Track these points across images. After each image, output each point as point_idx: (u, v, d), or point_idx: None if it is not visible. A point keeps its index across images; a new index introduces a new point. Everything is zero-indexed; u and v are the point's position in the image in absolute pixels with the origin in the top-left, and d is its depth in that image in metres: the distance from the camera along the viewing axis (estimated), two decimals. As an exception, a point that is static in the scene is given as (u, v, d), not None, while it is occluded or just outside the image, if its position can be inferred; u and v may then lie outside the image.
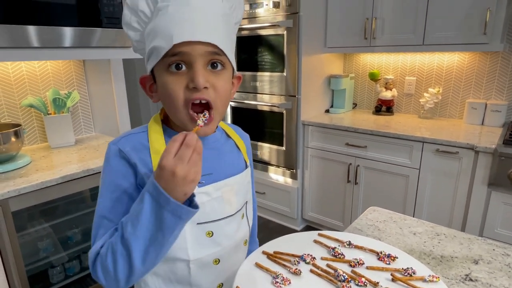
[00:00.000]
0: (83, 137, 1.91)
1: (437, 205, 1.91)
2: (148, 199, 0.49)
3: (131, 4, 0.58)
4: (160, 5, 0.56)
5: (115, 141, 0.61)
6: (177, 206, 0.48)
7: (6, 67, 1.58)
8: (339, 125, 2.17)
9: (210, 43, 0.54)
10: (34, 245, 1.44)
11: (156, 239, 0.50)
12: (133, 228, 0.50)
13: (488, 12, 1.74)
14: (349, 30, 2.28)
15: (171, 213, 0.48)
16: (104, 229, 0.56)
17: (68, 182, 1.33)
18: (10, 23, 1.23)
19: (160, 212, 0.49)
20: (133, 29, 0.60)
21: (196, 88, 0.54)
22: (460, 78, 2.20)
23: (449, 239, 0.84)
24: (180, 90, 0.55)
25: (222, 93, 0.58)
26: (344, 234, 0.73)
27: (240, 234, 0.69)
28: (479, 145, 1.67)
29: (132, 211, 0.52)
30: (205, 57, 0.55)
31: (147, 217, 0.49)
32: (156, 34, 0.55)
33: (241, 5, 0.65)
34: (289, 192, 2.51)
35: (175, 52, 0.54)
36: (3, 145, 1.35)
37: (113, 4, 1.49)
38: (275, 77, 2.37)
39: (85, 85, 1.90)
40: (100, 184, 0.60)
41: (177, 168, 0.47)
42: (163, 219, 0.49)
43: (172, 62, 0.55)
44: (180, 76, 0.55)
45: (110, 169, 0.59)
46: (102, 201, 0.58)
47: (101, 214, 0.58)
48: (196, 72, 0.54)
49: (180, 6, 0.55)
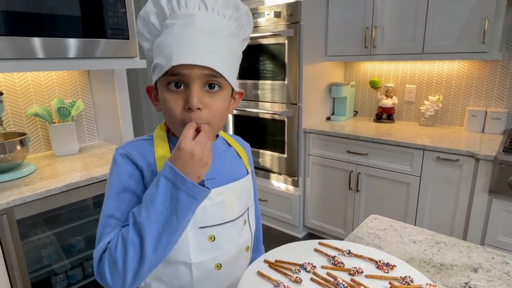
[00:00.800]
0: (86, 145, 1.93)
1: (438, 212, 1.91)
2: (164, 182, 0.52)
3: (143, 16, 0.62)
4: (168, 22, 0.59)
5: (122, 146, 0.64)
6: (193, 186, 0.51)
7: (12, 77, 1.61)
8: (340, 132, 2.19)
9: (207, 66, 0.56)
10: (37, 252, 1.45)
11: (170, 224, 0.52)
12: (147, 212, 0.52)
13: (487, 21, 1.76)
14: (349, 39, 2.31)
15: (187, 194, 0.51)
16: (110, 228, 0.57)
17: (72, 190, 1.35)
18: (17, 35, 1.26)
19: (176, 193, 0.51)
20: (145, 39, 0.64)
21: (190, 109, 0.57)
22: (460, 86, 2.22)
23: (449, 247, 0.85)
24: (178, 109, 0.58)
25: (217, 113, 0.60)
26: (344, 243, 0.74)
27: (242, 240, 0.70)
28: (479, 152, 1.68)
29: (146, 198, 0.54)
30: (202, 78, 0.57)
31: (161, 200, 0.51)
32: (160, 51, 0.58)
33: (249, 23, 0.66)
34: (291, 200, 2.52)
35: (174, 72, 0.56)
36: (9, 154, 1.37)
37: (117, 15, 1.53)
38: (276, 85, 2.40)
39: (89, 94, 1.93)
40: (107, 186, 0.61)
41: (196, 150, 0.51)
42: (179, 201, 0.51)
43: (171, 81, 0.57)
44: (179, 94, 0.58)
45: (118, 170, 0.61)
46: (109, 201, 0.60)
47: (108, 213, 0.59)
48: (191, 94, 0.56)
49: (185, 26, 0.57)
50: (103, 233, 0.57)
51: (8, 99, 1.61)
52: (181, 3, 0.59)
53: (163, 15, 0.60)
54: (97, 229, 0.59)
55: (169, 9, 0.59)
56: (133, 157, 0.61)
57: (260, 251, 0.89)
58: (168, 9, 0.59)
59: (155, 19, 0.60)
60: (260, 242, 0.90)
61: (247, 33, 0.68)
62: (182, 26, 0.57)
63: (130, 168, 0.61)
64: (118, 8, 1.52)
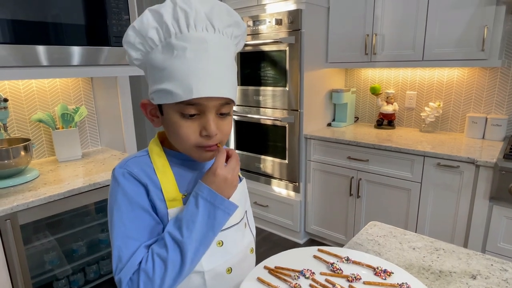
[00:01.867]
0: (89, 150, 1.95)
1: (439, 218, 1.91)
2: (203, 202, 0.58)
3: (139, 29, 0.58)
4: (176, 43, 0.56)
5: (121, 165, 0.63)
6: (229, 203, 0.60)
7: (17, 83, 1.64)
8: (341, 139, 2.20)
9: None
10: (40, 257, 1.46)
11: (206, 238, 0.59)
12: (188, 231, 0.57)
13: (486, 29, 1.78)
14: (350, 46, 2.33)
15: (223, 211, 0.59)
16: (128, 250, 0.57)
17: (75, 196, 1.36)
18: (22, 43, 1.28)
19: (214, 212, 0.59)
20: (135, 49, 0.60)
21: (208, 135, 0.60)
22: (460, 93, 2.23)
23: (448, 254, 0.85)
24: (193, 135, 0.60)
25: (227, 134, 0.64)
26: (343, 250, 0.75)
27: (245, 242, 0.72)
28: (479, 159, 1.69)
29: (185, 217, 0.58)
30: (217, 108, 0.60)
31: (201, 220, 0.58)
32: (170, 77, 0.57)
33: (244, 37, 0.68)
34: (292, 205, 2.52)
35: (191, 102, 0.57)
36: (13, 159, 1.39)
37: (121, 23, 1.55)
38: (277, 91, 2.42)
39: (93, 100, 1.95)
40: (113, 209, 0.60)
41: (229, 175, 0.60)
42: (216, 217, 0.59)
43: (186, 112, 0.58)
44: (193, 121, 0.60)
45: (123, 191, 0.60)
46: (121, 224, 0.59)
47: (123, 235, 0.59)
48: (209, 123, 0.59)
49: (199, 52, 0.56)
50: (122, 256, 0.57)
51: (12, 105, 1.63)
52: (191, 24, 0.57)
53: (166, 32, 0.57)
54: (113, 251, 0.59)
55: (175, 28, 0.57)
56: (135, 175, 0.61)
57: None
58: (174, 29, 0.57)
59: (155, 34, 0.58)
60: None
61: (241, 46, 0.69)
62: (195, 53, 0.56)
63: (134, 186, 0.61)
64: (121, 16, 1.55)
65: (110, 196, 0.63)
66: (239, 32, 0.64)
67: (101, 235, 1.67)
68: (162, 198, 0.62)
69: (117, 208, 0.60)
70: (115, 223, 0.60)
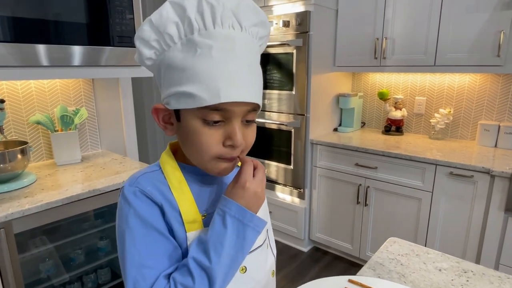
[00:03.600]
0: (89, 153, 1.88)
1: (451, 230, 1.84)
2: (231, 221, 0.52)
3: (156, 23, 0.51)
4: (199, 41, 0.50)
5: (131, 183, 0.55)
6: (258, 220, 0.53)
7: (15, 84, 1.57)
8: (348, 145, 2.14)
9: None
10: (35, 266, 1.39)
11: (235, 262, 0.52)
12: (217, 255, 0.50)
13: (502, 34, 1.72)
14: (358, 50, 2.27)
15: (253, 229, 0.53)
16: (145, 281, 0.50)
17: (73, 202, 1.29)
18: (21, 42, 1.22)
19: (243, 231, 0.52)
20: (149, 47, 0.53)
21: (232, 146, 0.53)
22: (471, 99, 2.17)
23: (478, 277, 0.79)
24: (215, 145, 0.53)
25: (251, 143, 0.57)
26: (375, 280, 0.68)
27: (268, 266, 0.65)
28: (494, 169, 1.62)
29: (212, 240, 0.51)
30: (244, 114, 0.53)
31: (229, 241, 0.51)
32: (194, 79, 0.50)
33: (268, 38, 0.61)
34: (296, 212, 2.45)
35: (217, 107, 0.50)
36: (9, 163, 1.32)
37: (125, 23, 1.49)
38: (283, 95, 2.35)
39: (93, 102, 1.88)
40: (123, 232, 0.53)
41: (259, 189, 0.54)
42: (246, 237, 0.52)
43: (211, 118, 0.51)
44: (217, 129, 0.52)
45: (135, 213, 0.53)
46: (135, 250, 0.52)
47: (138, 264, 0.51)
48: (235, 131, 0.52)
49: (225, 52, 0.50)
50: (137, 287, 0.51)
51: (10, 106, 1.57)
52: (217, 21, 0.50)
53: (188, 28, 0.51)
54: (126, 283, 0.51)
55: (199, 24, 0.50)
56: (148, 194, 0.54)
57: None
58: (198, 24, 0.50)
59: (174, 30, 0.51)
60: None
61: (264, 48, 0.63)
62: (222, 52, 0.50)
63: (148, 206, 0.54)
64: (125, 15, 1.49)
65: (119, 218, 0.55)
66: (264, 33, 0.58)
67: (100, 242, 1.60)
68: (180, 221, 0.54)
69: (129, 232, 0.52)
70: (127, 250, 0.52)
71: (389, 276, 0.79)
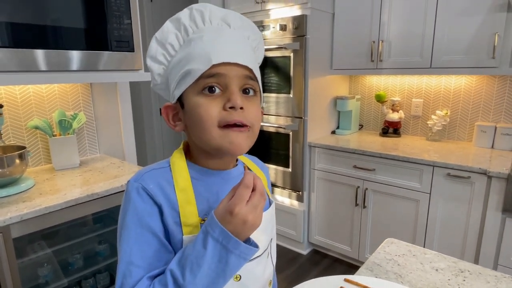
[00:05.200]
0: (87, 158, 1.88)
1: (449, 231, 1.85)
2: (213, 244, 0.48)
3: (160, 38, 0.59)
4: (193, 36, 0.57)
5: (136, 178, 0.56)
6: (246, 248, 0.49)
7: (13, 89, 1.58)
8: (346, 147, 2.14)
9: (246, 66, 0.55)
10: (34, 271, 1.39)
11: (216, 284, 0.49)
12: (192, 275, 0.47)
13: (496, 36, 1.74)
14: (355, 53, 2.29)
15: (238, 256, 0.48)
16: (131, 279, 0.51)
17: (72, 207, 1.29)
18: (19, 47, 1.22)
19: (226, 256, 0.48)
20: (158, 62, 0.60)
21: (233, 107, 0.53)
22: (468, 101, 2.18)
23: (475, 277, 0.79)
24: (215, 111, 0.53)
25: (256, 117, 0.57)
26: (371, 279, 0.68)
27: (266, 276, 0.64)
28: (491, 170, 1.63)
29: (190, 258, 0.48)
30: (240, 80, 0.55)
31: (209, 263, 0.48)
32: (189, 59, 0.55)
33: (262, 46, 0.66)
34: (295, 215, 2.46)
35: (211, 73, 0.53)
36: (7, 168, 1.32)
37: (122, 27, 1.50)
38: (281, 98, 2.36)
39: (91, 106, 1.89)
40: (122, 226, 0.55)
41: (250, 216, 0.48)
42: (228, 263, 0.48)
43: (206, 85, 0.53)
44: (215, 98, 0.54)
45: (134, 210, 0.54)
46: (126, 246, 0.53)
47: (127, 260, 0.52)
48: (233, 93, 0.53)
49: (215, 34, 0.56)
50: (124, 283, 0.52)
51: (8, 111, 1.57)
52: (206, 20, 0.58)
53: (184, 33, 0.58)
54: (117, 275, 0.53)
55: (192, 27, 0.58)
56: (150, 192, 0.54)
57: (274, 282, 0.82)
58: (192, 27, 0.58)
59: (174, 39, 0.58)
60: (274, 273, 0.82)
61: (260, 58, 0.67)
62: (212, 34, 0.56)
63: (147, 205, 0.54)
64: (123, 19, 1.50)
65: (121, 210, 0.56)
66: (255, 36, 0.63)
67: (99, 247, 1.60)
68: (178, 222, 0.54)
69: (125, 227, 0.54)
70: (122, 245, 0.54)
71: (386, 276, 0.80)
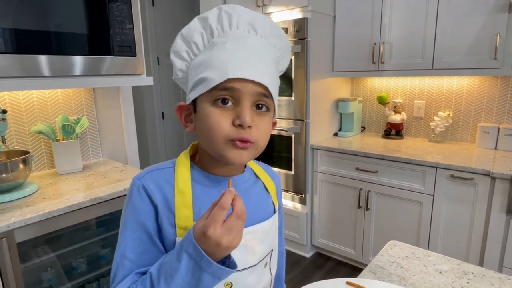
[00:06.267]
0: (90, 162, 1.89)
1: (453, 232, 1.84)
2: (187, 260, 0.47)
3: (186, 34, 0.59)
4: (217, 40, 0.57)
5: (139, 176, 0.58)
6: (218, 268, 0.47)
7: (17, 94, 1.59)
8: (348, 149, 2.14)
9: (261, 83, 0.54)
10: (37, 275, 1.39)
11: None
12: (166, 284, 0.48)
13: (498, 37, 1.74)
14: (356, 55, 2.29)
15: (211, 275, 0.47)
16: (123, 270, 0.54)
17: (75, 211, 1.30)
18: (23, 53, 1.24)
19: (199, 273, 0.47)
20: (181, 58, 0.60)
21: (241, 125, 0.53)
22: (470, 102, 2.18)
23: (478, 279, 0.79)
24: (225, 124, 0.53)
25: (264, 134, 0.57)
26: (374, 282, 0.68)
27: (260, 285, 0.63)
28: (495, 171, 1.63)
29: (166, 266, 0.49)
30: (254, 96, 0.54)
31: (183, 276, 0.47)
32: (208, 66, 0.55)
33: (288, 55, 0.65)
34: (298, 218, 2.45)
35: (226, 86, 0.53)
36: (11, 173, 1.33)
37: (125, 32, 1.51)
38: (283, 101, 2.37)
39: (94, 110, 1.90)
40: (122, 220, 0.58)
41: (224, 239, 0.46)
42: (201, 280, 0.47)
43: (219, 96, 0.53)
44: (226, 110, 0.54)
45: (133, 207, 0.57)
46: (123, 239, 0.56)
47: (121, 253, 0.55)
48: (243, 110, 0.53)
49: (238, 44, 0.55)
50: (116, 273, 0.55)
51: (12, 116, 1.58)
52: (233, 24, 0.57)
53: (210, 34, 0.58)
54: (112, 264, 0.56)
55: (218, 29, 0.57)
56: (149, 191, 0.56)
57: None
58: (218, 29, 0.57)
59: (199, 38, 0.58)
60: (282, 280, 0.81)
61: (284, 66, 0.66)
62: (235, 44, 0.55)
63: (144, 204, 0.56)
64: (125, 24, 1.51)
65: (124, 205, 0.59)
66: (282, 45, 0.61)
67: (102, 251, 1.60)
68: (173, 223, 0.56)
69: (124, 223, 0.57)
70: (119, 238, 0.57)
71: (389, 279, 0.80)
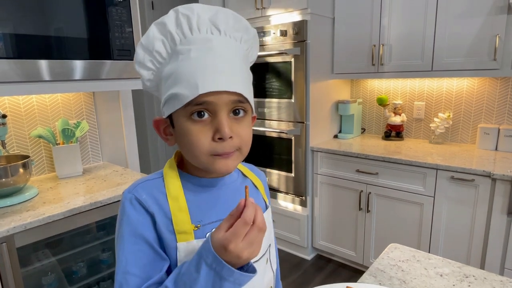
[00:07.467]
0: (90, 166, 1.89)
1: (454, 234, 1.83)
2: (206, 270, 0.47)
3: (146, 44, 0.56)
4: (181, 48, 0.54)
5: (130, 189, 0.58)
6: (240, 275, 0.47)
7: (17, 98, 1.59)
8: (349, 151, 2.14)
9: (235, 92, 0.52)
10: (38, 280, 1.39)
11: None
12: None
13: (497, 38, 1.74)
14: (356, 57, 2.29)
15: (233, 283, 0.47)
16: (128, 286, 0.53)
17: (75, 215, 1.30)
18: (23, 58, 1.24)
19: (220, 282, 0.47)
20: (146, 68, 0.58)
21: (222, 139, 0.52)
22: (470, 103, 2.18)
23: (480, 282, 0.78)
24: (205, 140, 0.53)
25: (246, 139, 0.56)
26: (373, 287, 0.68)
27: (265, 282, 0.64)
28: (496, 172, 1.62)
29: (183, 278, 0.48)
30: (229, 105, 0.53)
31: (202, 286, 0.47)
32: (177, 80, 0.53)
33: (256, 45, 0.64)
34: (299, 220, 2.45)
35: (199, 101, 0.51)
36: (11, 178, 1.33)
37: (124, 36, 1.51)
38: (283, 103, 2.37)
39: (94, 114, 1.90)
40: (117, 238, 0.56)
41: (245, 253, 0.46)
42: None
43: (195, 110, 0.52)
44: (204, 125, 0.53)
45: (128, 220, 0.55)
46: (122, 256, 0.54)
47: (123, 270, 0.53)
48: (221, 123, 0.52)
49: (203, 51, 0.53)
50: None
51: (12, 121, 1.58)
52: (194, 27, 0.54)
53: (171, 42, 0.55)
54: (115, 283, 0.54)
55: (179, 35, 0.54)
56: (143, 202, 0.55)
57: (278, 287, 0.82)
58: (179, 35, 0.54)
59: (161, 46, 0.55)
60: (278, 277, 0.82)
61: (254, 56, 0.65)
62: (200, 52, 0.53)
63: (140, 215, 0.55)
64: (124, 28, 1.51)
65: (117, 221, 0.57)
66: (248, 37, 0.59)
67: (102, 254, 1.60)
68: (171, 230, 0.55)
69: (120, 238, 0.55)
70: (118, 254, 0.55)
71: (390, 282, 0.79)
